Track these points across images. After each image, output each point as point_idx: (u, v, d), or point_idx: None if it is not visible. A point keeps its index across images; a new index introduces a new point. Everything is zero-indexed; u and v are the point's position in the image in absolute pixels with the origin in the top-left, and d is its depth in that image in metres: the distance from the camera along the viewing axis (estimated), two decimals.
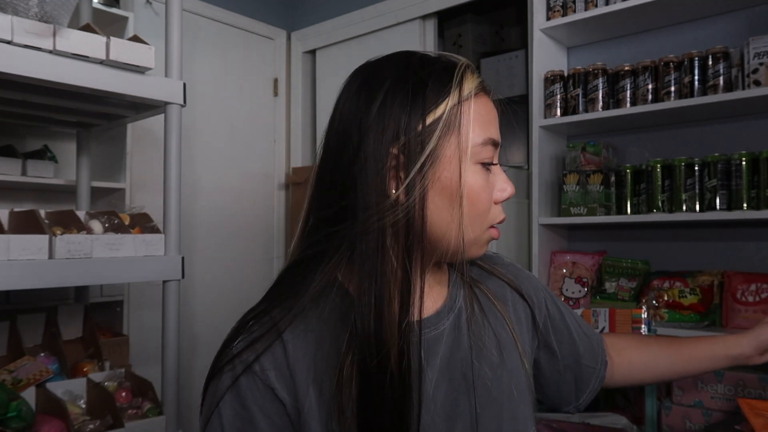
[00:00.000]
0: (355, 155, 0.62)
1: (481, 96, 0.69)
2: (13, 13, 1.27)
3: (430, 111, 0.63)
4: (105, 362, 1.77)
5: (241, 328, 0.66)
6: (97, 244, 1.40)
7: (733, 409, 1.71)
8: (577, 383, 0.85)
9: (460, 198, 0.63)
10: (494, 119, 0.70)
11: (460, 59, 0.71)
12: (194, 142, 2.85)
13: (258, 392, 0.61)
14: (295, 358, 0.62)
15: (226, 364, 0.63)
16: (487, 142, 0.67)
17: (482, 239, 0.69)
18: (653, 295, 1.96)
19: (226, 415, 0.62)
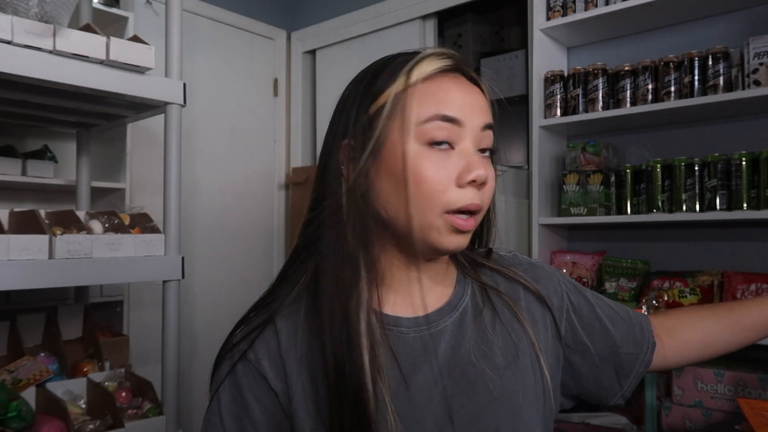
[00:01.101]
0: (322, 152, 0.70)
1: (439, 77, 0.66)
2: (13, 13, 1.27)
3: (375, 100, 0.66)
4: (105, 362, 1.77)
5: (243, 320, 0.71)
6: (97, 244, 1.40)
7: (733, 409, 1.71)
8: (618, 372, 0.81)
9: (404, 180, 0.63)
10: (455, 98, 0.66)
11: (433, 50, 0.69)
12: (194, 142, 2.85)
13: (253, 380, 0.65)
14: (287, 347, 0.65)
15: (226, 353, 0.68)
16: (434, 118, 0.64)
17: (440, 226, 0.64)
18: (653, 295, 1.96)
19: (224, 401, 0.66)
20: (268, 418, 0.65)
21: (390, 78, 0.66)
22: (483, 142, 0.67)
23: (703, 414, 1.77)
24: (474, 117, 0.66)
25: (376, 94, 0.66)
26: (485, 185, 0.66)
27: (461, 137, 0.65)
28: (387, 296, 0.69)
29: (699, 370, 1.80)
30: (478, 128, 0.66)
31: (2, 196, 2.31)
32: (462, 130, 0.65)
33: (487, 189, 0.67)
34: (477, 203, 0.64)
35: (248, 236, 3.12)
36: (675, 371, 1.84)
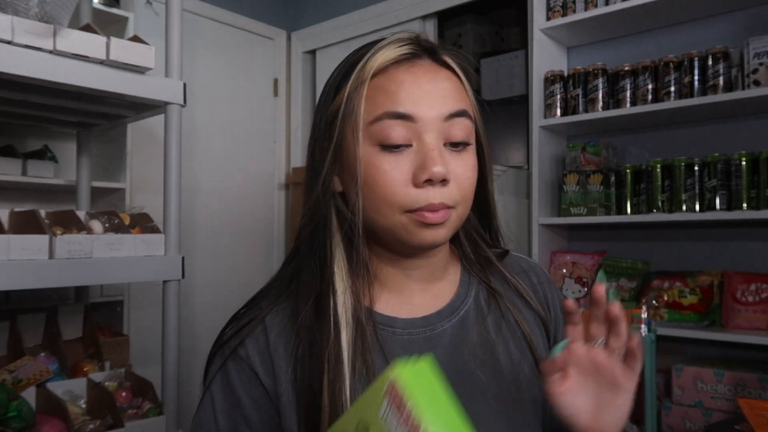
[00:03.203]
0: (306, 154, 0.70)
1: (394, 68, 0.62)
2: (13, 13, 1.27)
3: (334, 100, 0.64)
4: (105, 362, 1.77)
5: (233, 318, 0.70)
6: (97, 244, 1.40)
7: (733, 409, 1.71)
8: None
9: (360, 185, 0.61)
10: (408, 90, 0.61)
11: (392, 37, 0.65)
12: (194, 142, 2.85)
13: (244, 376, 0.65)
14: (274, 345, 0.64)
15: (218, 350, 0.68)
16: (383, 117, 0.60)
17: (405, 223, 0.61)
18: (653, 295, 1.96)
19: (217, 398, 0.66)
20: (260, 415, 0.64)
21: (347, 75, 0.64)
22: (452, 133, 0.62)
23: (703, 414, 1.77)
24: (432, 108, 0.61)
25: (335, 94, 0.64)
26: (448, 181, 0.60)
27: (419, 133, 0.60)
28: (381, 294, 0.67)
29: (699, 370, 1.80)
30: (439, 120, 0.61)
31: (2, 196, 2.31)
32: (418, 125, 0.60)
33: (456, 184, 0.62)
34: (438, 203, 0.60)
35: (248, 236, 3.12)
36: (675, 371, 1.84)
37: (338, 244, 0.65)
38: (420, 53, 0.64)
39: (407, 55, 0.63)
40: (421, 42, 0.65)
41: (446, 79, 0.63)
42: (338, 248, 0.64)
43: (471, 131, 0.64)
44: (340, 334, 0.61)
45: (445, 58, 0.66)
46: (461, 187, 0.62)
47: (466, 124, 0.63)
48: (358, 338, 0.62)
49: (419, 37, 0.66)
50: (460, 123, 0.62)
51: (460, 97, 0.63)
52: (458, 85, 0.64)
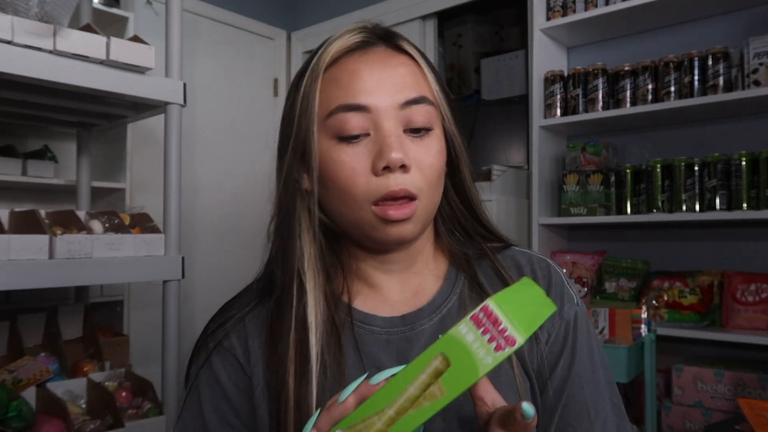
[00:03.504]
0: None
1: (346, 59, 0.61)
2: (13, 13, 1.27)
3: (296, 96, 0.63)
4: (105, 362, 1.77)
5: (215, 315, 0.70)
6: (97, 244, 1.40)
7: (733, 409, 1.71)
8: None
9: (323, 180, 0.61)
10: (361, 79, 0.59)
11: (346, 28, 0.63)
12: (194, 142, 2.85)
13: (230, 367, 0.64)
14: (252, 343, 0.64)
15: (201, 345, 0.68)
16: (336, 110, 0.59)
17: (370, 219, 0.59)
18: (653, 295, 1.96)
19: (203, 392, 0.65)
20: (249, 406, 0.63)
21: (305, 70, 0.63)
22: (411, 119, 0.60)
23: (703, 414, 1.77)
24: (387, 96, 0.59)
25: (295, 91, 0.64)
26: (409, 167, 0.58)
27: (376, 121, 0.59)
28: (360, 290, 0.66)
29: (699, 370, 1.80)
30: (395, 107, 0.59)
31: (2, 196, 2.31)
32: (374, 114, 0.59)
33: (419, 171, 0.59)
34: (399, 189, 0.58)
35: (248, 236, 3.12)
36: (675, 371, 1.84)
37: (310, 242, 0.63)
38: (374, 40, 0.62)
39: (359, 43, 0.62)
40: (374, 29, 0.63)
41: (402, 65, 0.61)
42: (310, 246, 0.63)
43: (433, 117, 0.61)
44: (309, 333, 0.59)
45: (401, 43, 0.63)
46: (425, 174, 0.60)
47: (427, 110, 0.61)
48: (331, 337, 0.60)
49: (375, 25, 0.64)
50: (419, 109, 0.60)
51: (417, 82, 0.61)
52: (415, 70, 0.62)
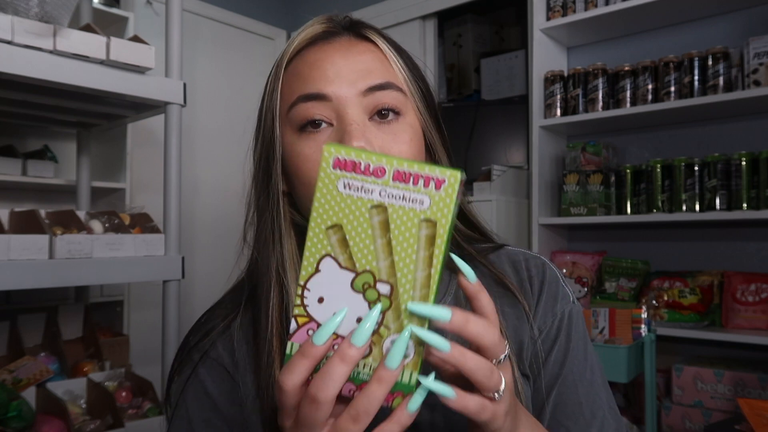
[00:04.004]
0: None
1: (308, 50, 0.60)
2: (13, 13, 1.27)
3: (265, 91, 0.62)
4: (105, 362, 1.77)
5: (194, 327, 0.68)
6: (97, 244, 1.40)
7: (733, 409, 1.71)
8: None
9: (288, 176, 0.60)
10: (321, 69, 0.57)
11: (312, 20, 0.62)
12: (194, 142, 2.85)
13: (217, 376, 0.62)
14: (238, 347, 0.62)
15: (184, 359, 0.65)
16: (297, 101, 0.57)
17: None
18: (653, 295, 1.96)
19: (191, 407, 0.61)
20: (240, 417, 0.60)
21: (274, 63, 0.62)
22: (377, 104, 0.57)
23: (703, 414, 1.77)
24: (348, 84, 0.57)
25: (265, 88, 0.62)
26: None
27: (338, 110, 0.57)
28: None
29: (699, 370, 1.80)
30: (356, 95, 0.57)
31: (2, 196, 2.31)
32: (335, 104, 0.57)
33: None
34: None
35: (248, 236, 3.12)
36: (675, 371, 1.84)
37: (288, 242, 0.61)
38: (337, 30, 0.61)
39: (322, 33, 0.61)
40: (339, 20, 0.62)
41: (364, 52, 0.59)
42: (289, 247, 0.61)
43: (401, 103, 0.59)
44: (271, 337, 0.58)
45: (365, 31, 0.61)
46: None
47: (393, 96, 0.58)
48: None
49: (344, 16, 0.63)
50: (385, 96, 0.58)
51: (382, 69, 0.59)
52: (379, 56, 0.60)
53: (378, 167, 0.40)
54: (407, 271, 0.40)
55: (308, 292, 0.41)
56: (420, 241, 0.40)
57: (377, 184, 0.40)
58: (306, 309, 0.42)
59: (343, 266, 0.41)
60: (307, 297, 0.41)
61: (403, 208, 0.40)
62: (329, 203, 0.41)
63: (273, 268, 0.60)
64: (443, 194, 0.39)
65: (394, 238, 0.40)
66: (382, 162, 0.40)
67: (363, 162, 0.40)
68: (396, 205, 0.40)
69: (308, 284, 0.41)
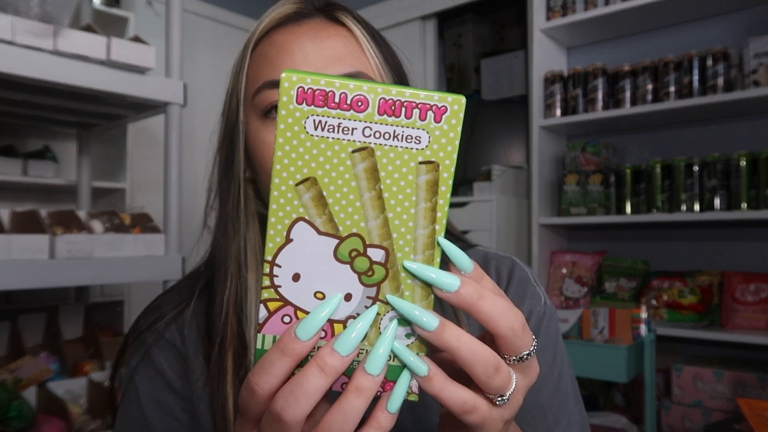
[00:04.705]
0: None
1: (277, 32, 0.57)
2: (13, 14, 1.27)
3: (230, 79, 0.60)
4: (105, 362, 1.77)
5: (145, 311, 0.65)
6: (97, 244, 1.40)
7: (733, 408, 1.71)
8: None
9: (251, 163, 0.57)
10: (289, 53, 0.54)
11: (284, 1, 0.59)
12: (194, 142, 2.85)
13: (172, 357, 0.60)
14: (189, 331, 0.60)
15: (133, 343, 0.62)
16: (263, 87, 0.55)
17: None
18: (653, 294, 1.96)
19: (141, 390, 0.59)
20: (191, 392, 0.58)
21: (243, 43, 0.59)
22: None
23: (703, 414, 1.77)
24: (317, 70, 0.54)
25: (233, 65, 0.60)
26: None
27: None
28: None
29: (699, 370, 1.80)
30: None
31: (3, 196, 2.31)
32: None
33: None
34: None
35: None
36: (675, 371, 1.84)
37: (251, 231, 0.59)
38: (309, 11, 0.57)
39: (292, 14, 0.57)
40: (313, 0, 0.58)
41: (335, 36, 0.55)
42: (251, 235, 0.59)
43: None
44: (246, 326, 0.55)
45: (338, 14, 0.58)
46: None
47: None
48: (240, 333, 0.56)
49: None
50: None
51: (352, 56, 0.55)
52: (351, 42, 0.56)
53: (358, 97, 0.31)
54: (405, 230, 0.32)
55: (279, 269, 0.32)
56: (419, 189, 0.32)
57: (359, 120, 0.31)
58: (278, 290, 0.33)
59: (321, 231, 0.32)
60: (279, 275, 0.32)
61: (394, 149, 0.31)
62: (296, 151, 0.32)
63: (232, 256, 0.57)
64: (445, 127, 0.31)
65: (386, 189, 0.32)
66: (363, 90, 0.31)
67: (337, 91, 0.31)
68: (385, 146, 0.31)
69: (278, 259, 0.32)
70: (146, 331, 0.61)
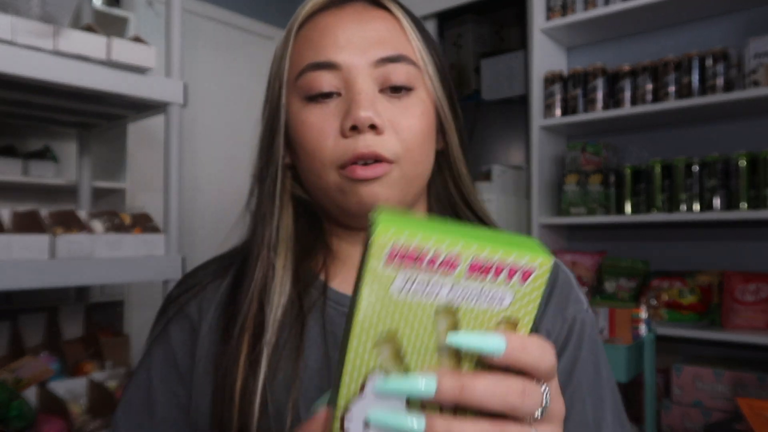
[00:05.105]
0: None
1: (320, 16, 0.58)
2: (14, 14, 1.28)
3: (272, 63, 0.61)
4: (106, 362, 1.77)
5: (181, 280, 0.67)
6: (97, 244, 1.40)
7: (733, 409, 1.72)
8: None
9: (294, 144, 0.58)
10: (332, 35, 0.55)
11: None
12: (194, 142, 2.85)
13: (185, 332, 0.61)
14: (207, 306, 0.61)
15: (162, 311, 0.64)
16: (306, 69, 0.55)
17: (339, 182, 0.54)
18: (653, 294, 1.96)
19: (155, 358, 0.61)
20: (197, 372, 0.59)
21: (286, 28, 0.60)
22: (389, 77, 0.55)
23: (703, 414, 1.78)
24: (359, 53, 0.54)
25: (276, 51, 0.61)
26: (381, 129, 0.53)
27: (348, 80, 0.54)
28: (339, 271, 0.61)
29: (698, 370, 1.80)
30: (368, 65, 0.54)
31: (3, 196, 2.31)
32: (344, 73, 0.54)
33: (395, 134, 0.54)
34: (369, 151, 0.52)
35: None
36: (675, 371, 1.84)
37: (286, 217, 0.60)
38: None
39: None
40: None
41: (378, 20, 0.56)
42: (285, 222, 0.60)
43: (415, 78, 0.56)
44: (268, 313, 0.56)
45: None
46: (402, 137, 0.54)
47: (407, 69, 0.55)
48: (294, 319, 0.56)
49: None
50: (397, 68, 0.55)
51: (396, 40, 0.56)
52: (394, 26, 0.57)
53: (450, 258, 0.30)
54: None
55: (350, 415, 0.32)
56: None
57: (447, 279, 0.30)
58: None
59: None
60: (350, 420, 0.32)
61: (478, 308, 0.31)
62: (381, 308, 0.31)
63: (265, 241, 0.59)
64: (529, 288, 0.31)
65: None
66: (457, 249, 0.30)
67: (431, 251, 0.30)
68: (470, 307, 0.31)
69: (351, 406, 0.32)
70: (173, 302, 0.63)
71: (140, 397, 0.61)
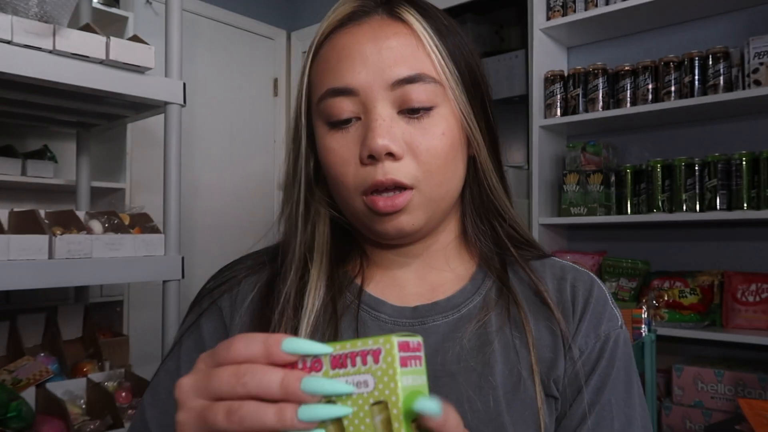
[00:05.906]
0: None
1: (338, 35, 0.56)
2: (12, 13, 1.27)
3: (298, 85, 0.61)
4: (105, 362, 1.76)
5: (218, 272, 0.69)
6: (97, 244, 1.40)
7: (733, 409, 1.71)
8: None
9: (324, 168, 0.58)
10: (348, 58, 0.54)
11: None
12: (194, 142, 2.85)
13: (219, 324, 0.62)
14: (240, 302, 0.62)
15: (197, 302, 0.65)
16: (325, 95, 0.55)
17: (364, 210, 0.55)
18: (653, 295, 1.96)
19: (184, 350, 0.62)
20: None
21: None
22: (407, 99, 0.53)
23: (703, 414, 1.77)
24: (376, 74, 0.53)
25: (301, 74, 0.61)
26: (399, 155, 0.52)
27: (365, 104, 0.53)
28: (375, 275, 0.62)
29: (699, 370, 1.80)
30: (384, 88, 0.53)
31: (2, 196, 2.31)
32: (362, 97, 0.53)
33: (414, 157, 0.53)
34: (387, 179, 0.52)
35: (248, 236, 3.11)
36: (675, 371, 1.84)
37: (321, 227, 0.61)
38: (369, 9, 0.56)
39: (351, 14, 0.56)
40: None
41: (396, 36, 0.54)
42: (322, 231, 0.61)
43: (435, 95, 0.54)
44: (301, 318, 0.56)
45: (400, 9, 0.55)
46: (422, 161, 0.53)
47: (425, 88, 0.53)
48: (327, 325, 0.57)
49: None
50: (416, 89, 0.53)
51: (413, 57, 0.54)
52: (412, 42, 0.54)
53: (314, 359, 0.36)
54: None
55: None
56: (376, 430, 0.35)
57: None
58: None
59: None
60: None
61: (350, 396, 0.35)
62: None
63: (297, 250, 0.60)
64: (384, 366, 0.34)
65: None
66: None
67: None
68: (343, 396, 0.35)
69: None
70: (207, 295, 0.64)
71: (167, 385, 0.61)
